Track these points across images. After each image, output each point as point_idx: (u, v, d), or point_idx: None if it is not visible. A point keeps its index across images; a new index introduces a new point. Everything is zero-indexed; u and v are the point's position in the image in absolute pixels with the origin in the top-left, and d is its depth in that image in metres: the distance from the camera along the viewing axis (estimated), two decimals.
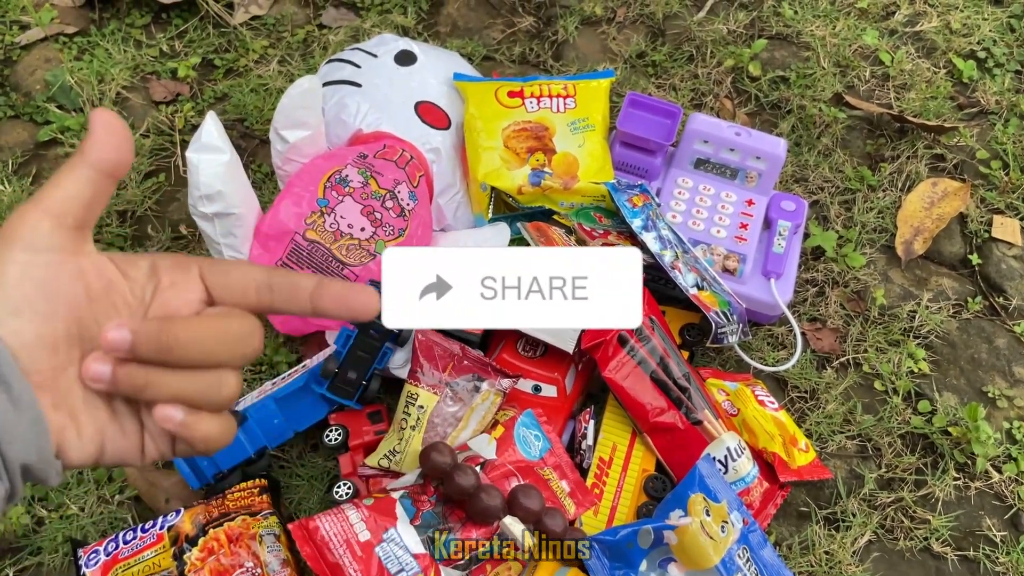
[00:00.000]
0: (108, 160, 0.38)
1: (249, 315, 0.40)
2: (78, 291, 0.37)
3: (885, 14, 1.53)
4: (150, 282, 0.40)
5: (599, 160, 1.13)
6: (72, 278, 0.37)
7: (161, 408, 0.38)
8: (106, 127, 0.38)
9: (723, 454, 0.98)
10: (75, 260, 0.38)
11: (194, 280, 0.40)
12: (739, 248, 1.14)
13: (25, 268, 0.36)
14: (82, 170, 0.38)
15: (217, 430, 0.39)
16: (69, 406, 0.37)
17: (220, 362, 0.38)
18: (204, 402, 0.39)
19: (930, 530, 1.03)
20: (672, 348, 1.04)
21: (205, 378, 0.38)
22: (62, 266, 0.37)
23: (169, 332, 0.37)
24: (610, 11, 1.52)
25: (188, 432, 0.38)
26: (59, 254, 0.37)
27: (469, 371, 1.00)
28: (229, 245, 1.01)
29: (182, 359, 0.37)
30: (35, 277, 0.36)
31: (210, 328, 0.38)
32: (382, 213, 1.05)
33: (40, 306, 0.36)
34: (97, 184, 0.38)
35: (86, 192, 0.38)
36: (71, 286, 0.37)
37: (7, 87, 1.39)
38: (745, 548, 0.92)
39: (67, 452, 0.37)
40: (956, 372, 1.16)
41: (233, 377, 0.39)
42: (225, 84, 1.40)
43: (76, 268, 0.38)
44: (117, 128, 0.39)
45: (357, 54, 1.20)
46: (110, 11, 1.48)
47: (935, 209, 1.29)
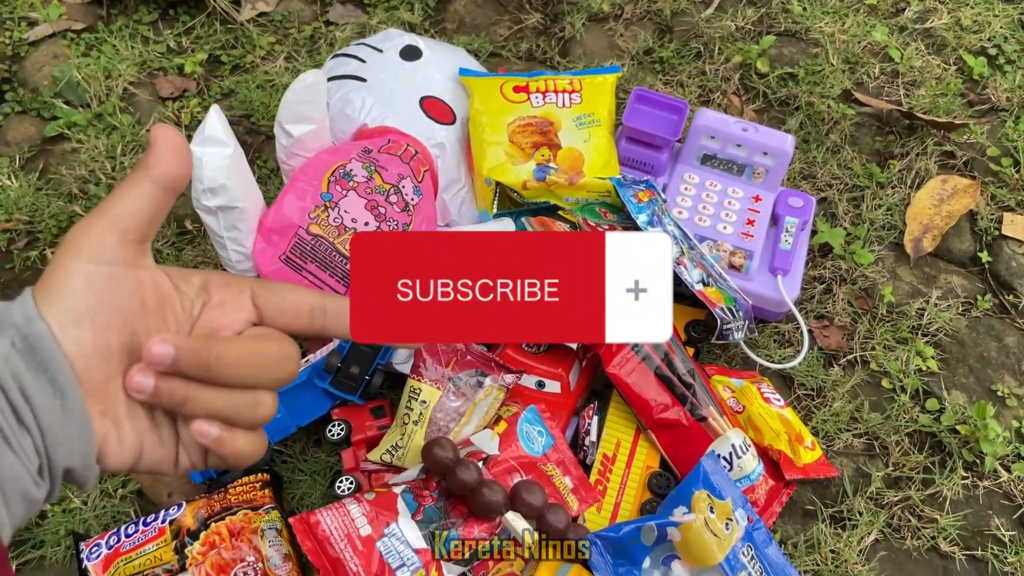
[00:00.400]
0: (170, 176, 0.39)
1: (288, 339, 0.41)
2: (135, 304, 0.38)
3: (895, 10, 1.52)
4: (199, 298, 0.41)
5: (604, 155, 1.13)
6: (131, 291, 0.38)
7: (198, 423, 0.39)
8: (168, 143, 0.39)
9: (728, 451, 0.97)
10: (135, 273, 0.39)
11: (244, 300, 0.42)
12: (746, 244, 1.13)
13: (89, 279, 0.37)
14: (145, 185, 0.39)
15: (250, 447, 0.40)
16: (114, 414, 0.38)
17: (257, 383, 0.40)
18: (239, 420, 0.40)
19: (937, 529, 1.02)
20: (677, 344, 1.03)
21: (242, 397, 0.39)
22: (123, 279, 0.38)
23: (210, 351, 0.38)
24: (617, 8, 1.51)
25: (222, 448, 0.39)
26: (121, 267, 0.38)
27: (472, 366, 0.99)
28: (233, 239, 1.00)
29: (221, 378, 0.38)
30: (98, 288, 0.37)
31: (250, 349, 0.39)
32: (386, 208, 1.04)
33: (100, 317, 0.37)
34: (158, 199, 0.39)
35: (148, 207, 0.39)
36: (129, 299, 0.38)
37: (15, 83, 1.39)
38: (750, 546, 0.91)
39: (107, 458, 0.38)
40: (965, 370, 1.15)
41: (269, 398, 0.40)
42: (231, 80, 1.40)
43: (135, 281, 0.38)
44: (178, 144, 0.40)
45: (362, 49, 1.20)
46: (118, 7, 1.48)
47: (944, 206, 1.28)
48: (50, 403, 0.35)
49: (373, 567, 0.84)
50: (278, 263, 1.00)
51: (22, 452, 0.34)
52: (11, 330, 0.35)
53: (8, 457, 0.34)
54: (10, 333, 0.35)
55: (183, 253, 1.20)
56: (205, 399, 0.38)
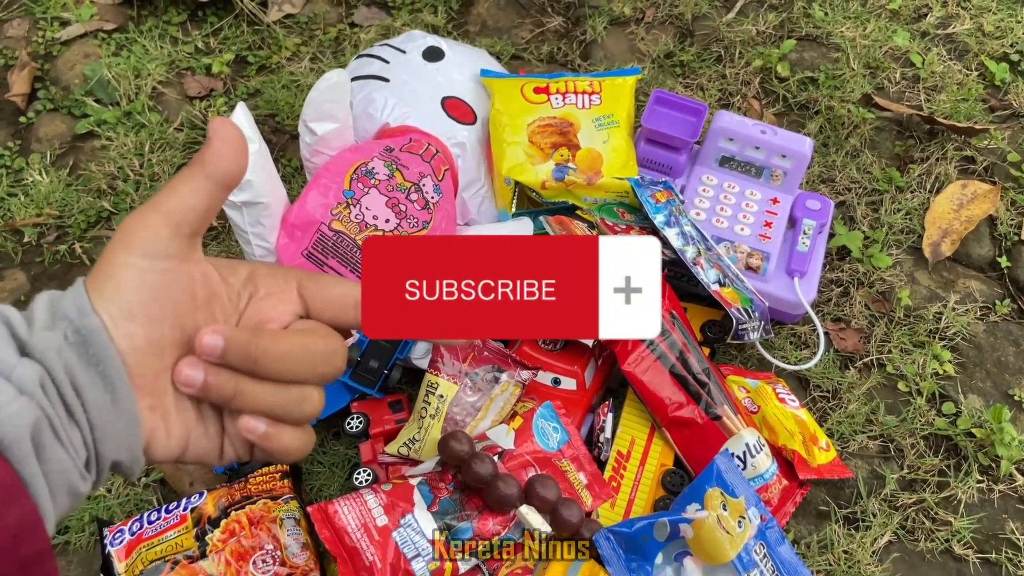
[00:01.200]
0: (226, 171, 0.39)
1: (335, 334, 0.41)
2: (186, 298, 0.38)
3: (917, 16, 1.52)
4: (246, 289, 0.41)
5: (623, 156, 1.14)
6: (182, 285, 0.38)
7: (246, 419, 0.39)
8: (225, 138, 0.39)
9: (742, 450, 0.98)
10: (186, 267, 0.39)
11: (291, 293, 0.42)
12: (763, 246, 1.13)
13: (142, 273, 0.37)
14: (200, 180, 0.39)
15: (296, 443, 0.41)
16: (163, 408, 0.38)
17: (304, 379, 0.40)
18: (287, 416, 0.40)
19: (952, 532, 1.02)
20: (692, 343, 1.04)
21: (289, 393, 0.39)
22: (175, 273, 0.38)
23: (257, 344, 0.38)
24: (639, 11, 1.52)
25: (269, 443, 0.40)
26: (174, 261, 0.38)
27: (489, 362, 1.01)
28: (257, 234, 1.02)
29: (268, 372, 0.38)
30: (150, 283, 0.37)
31: (296, 344, 0.39)
32: (407, 205, 1.06)
33: (153, 311, 0.37)
34: (213, 194, 0.39)
35: (202, 202, 0.39)
36: (181, 293, 0.38)
37: (47, 81, 1.42)
38: (762, 544, 0.92)
39: (153, 450, 0.38)
40: (982, 374, 1.15)
41: (316, 394, 0.40)
42: (257, 80, 1.42)
43: (187, 275, 0.39)
44: (235, 139, 0.40)
45: (386, 50, 1.22)
46: (148, 8, 1.51)
47: (964, 211, 1.28)
48: (101, 398, 0.35)
49: (389, 556, 0.85)
50: (300, 258, 1.02)
51: (71, 446, 0.35)
52: (64, 323, 0.35)
53: (57, 451, 0.34)
54: (63, 326, 0.35)
55: (207, 248, 1.22)
56: (253, 394, 0.38)
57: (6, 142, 1.35)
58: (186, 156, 1.33)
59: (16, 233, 1.26)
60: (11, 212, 1.27)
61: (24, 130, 1.37)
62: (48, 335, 0.35)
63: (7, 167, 1.32)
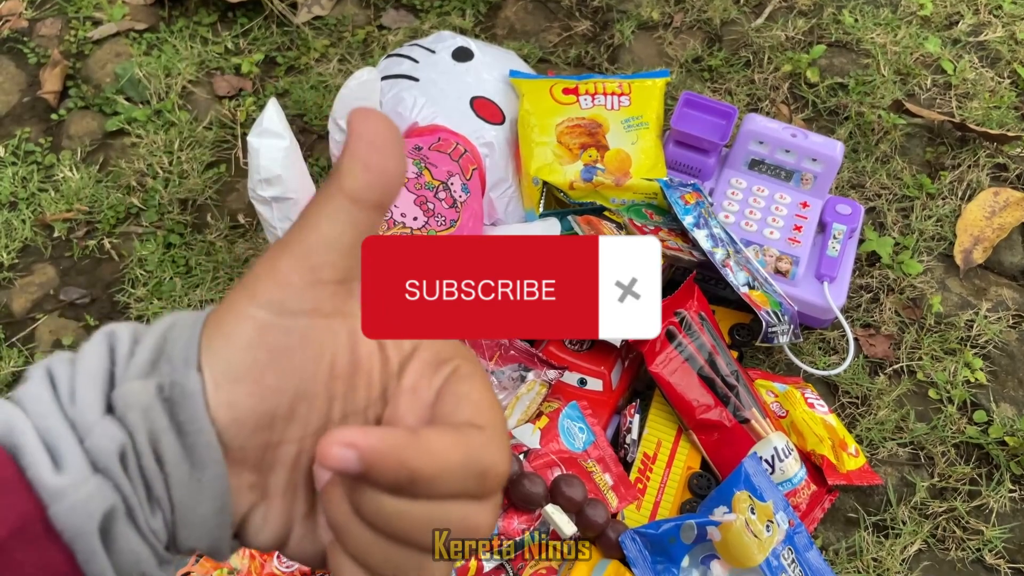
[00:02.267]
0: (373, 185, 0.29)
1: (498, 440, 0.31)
2: (319, 366, 0.29)
3: (948, 23, 1.51)
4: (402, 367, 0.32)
5: (652, 158, 1.13)
6: (317, 348, 0.29)
7: None
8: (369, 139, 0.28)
9: (770, 454, 0.97)
10: (328, 325, 0.29)
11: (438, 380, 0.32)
12: (792, 250, 1.12)
13: (262, 330, 0.28)
14: (339, 202, 0.29)
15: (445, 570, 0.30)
16: (265, 487, 0.30)
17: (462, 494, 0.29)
18: None
19: (983, 541, 1.00)
20: (721, 345, 1.03)
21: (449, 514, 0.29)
22: (308, 332, 0.29)
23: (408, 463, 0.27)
24: (667, 16, 1.52)
25: None
26: (307, 317, 0.29)
27: (515, 360, 1.00)
28: (285, 230, 1.03)
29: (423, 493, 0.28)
30: (271, 343, 0.28)
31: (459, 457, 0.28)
32: (435, 204, 1.06)
33: (267, 378, 0.28)
34: (360, 221, 0.29)
35: (347, 234, 0.29)
36: (313, 359, 0.29)
37: (79, 79, 1.44)
38: (790, 549, 0.91)
39: (245, 535, 0.31)
40: (1014, 383, 1.13)
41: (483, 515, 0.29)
42: (286, 81, 1.43)
43: (326, 334, 0.29)
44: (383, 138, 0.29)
45: (415, 50, 1.22)
46: (179, 9, 1.53)
47: (996, 219, 1.26)
48: (185, 476, 0.28)
49: None
50: None
51: (149, 533, 0.28)
52: (166, 368, 0.28)
53: (131, 540, 0.27)
54: (164, 372, 0.28)
55: (235, 246, 1.23)
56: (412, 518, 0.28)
57: (38, 139, 1.37)
58: (215, 154, 1.34)
59: (46, 228, 1.27)
60: (42, 207, 1.28)
61: (56, 127, 1.39)
62: (139, 388, 0.28)
63: (39, 163, 1.33)
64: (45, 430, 0.27)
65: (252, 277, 0.29)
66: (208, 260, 1.22)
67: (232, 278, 1.19)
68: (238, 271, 1.20)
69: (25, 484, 0.26)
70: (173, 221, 1.26)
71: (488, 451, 0.29)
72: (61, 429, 0.27)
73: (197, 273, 1.21)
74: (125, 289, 1.20)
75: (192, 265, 1.22)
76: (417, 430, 0.29)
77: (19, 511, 0.26)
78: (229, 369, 0.28)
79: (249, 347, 0.28)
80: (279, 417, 0.29)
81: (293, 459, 0.30)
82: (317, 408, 0.30)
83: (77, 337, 1.17)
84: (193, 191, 1.29)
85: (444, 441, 0.28)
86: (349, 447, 0.27)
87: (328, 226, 0.29)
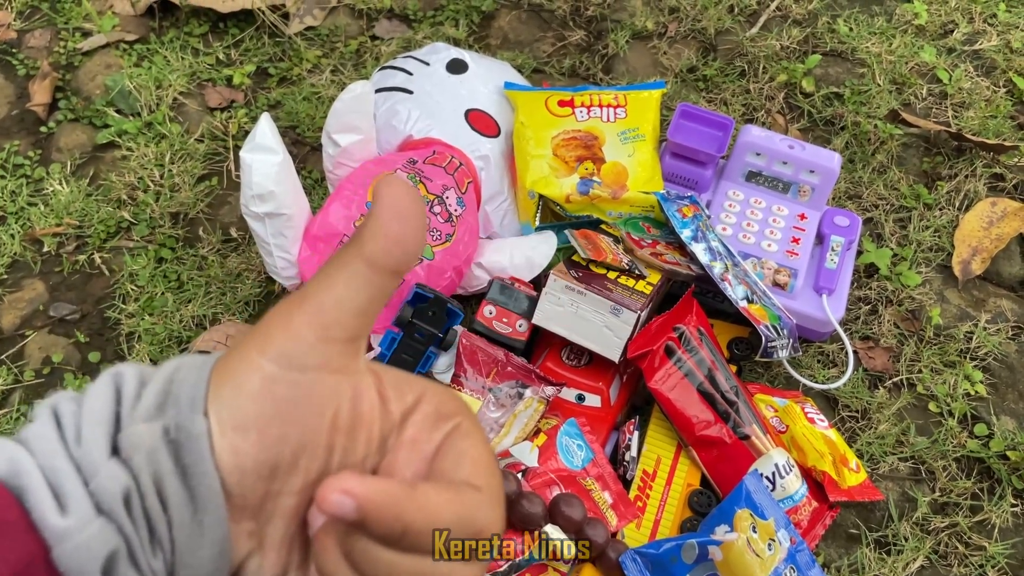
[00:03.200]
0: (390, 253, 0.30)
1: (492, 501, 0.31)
2: (323, 420, 0.30)
3: (943, 32, 1.51)
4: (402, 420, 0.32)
5: (648, 170, 1.12)
6: (321, 403, 0.30)
7: None
8: (392, 208, 0.29)
9: (771, 471, 0.95)
10: (334, 381, 0.30)
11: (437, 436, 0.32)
12: (790, 263, 1.12)
13: (270, 383, 0.29)
14: (357, 266, 0.30)
15: None
16: (262, 535, 0.30)
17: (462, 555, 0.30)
18: None
19: (986, 557, 0.99)
20: (720, 361, 1.02)
21: None
22: (314, 387, 0.30)
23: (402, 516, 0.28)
24: (661, 26, 1.51)
25: None
26: (316, 373, 0.29)
27: (512, 377, 0.99)
28: (279, 246, 1.01)
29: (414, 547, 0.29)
30: (278, 396, 0.29)
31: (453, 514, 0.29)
32: (430, 218, 1.05)
33: (271, 429, 0.29)
34: (374, 286, 0.30)
35: (361, 296, 0.30)
36: (317, 413, 0.30)
37: (68, 91, 1.42)
38: (792, 568, 0.89)
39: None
40: (1014, 396, 1.12)
41: None
42: (278, 92, 1.42)
43: (331, 391, 0.30)
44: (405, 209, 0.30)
45: (410, 62, 1.21)
46: (169, 20, 1.51)
47: (994, 229, 1.26)
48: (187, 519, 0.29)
49: None
50: None
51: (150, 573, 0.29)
52: (173, 411, 0.29)
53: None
54: (170, 415, 0.29)
55: (228, 260, 1.21)
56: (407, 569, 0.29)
57: (27, 152, 1.35)
58: (206, 167, 1.32)
59: (36, 243, 1.25)
60: (31, 222, 1.26)
61: (45, 140, 1.37)
62: (145, 430, 0.29)
63: (28, 177, 1.32)
64: (51, 470, 0.28)
65: (265, 328, 0.30)
66: (200, 275, 1.20)
67: (224, 293, 1.18)
68: (230, 286, 1.19)
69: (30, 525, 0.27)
70: (164, 235, 1.24)
71: (483, 512, 0.30)
72: (67, 470, 0.28)
73: (189, 288, 1.19)
74: (116, 305, 1.18)
75: (184, 280, 1.20)
76: (415, 484, 0.29)
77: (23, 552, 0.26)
78: (236, 417, 0.29)
79: (257, 397, 0.29)
80: (281, 467, 0.30)
81: (292, 510, 0.31)
82: (317, 459, 0.30)
83: (67, 354, 1.15)
84: (185, 204, 1.27)
85: (440, 498, 0.29)
86: (347, 494, 0.28)
87: (344, 287, 0.30)
